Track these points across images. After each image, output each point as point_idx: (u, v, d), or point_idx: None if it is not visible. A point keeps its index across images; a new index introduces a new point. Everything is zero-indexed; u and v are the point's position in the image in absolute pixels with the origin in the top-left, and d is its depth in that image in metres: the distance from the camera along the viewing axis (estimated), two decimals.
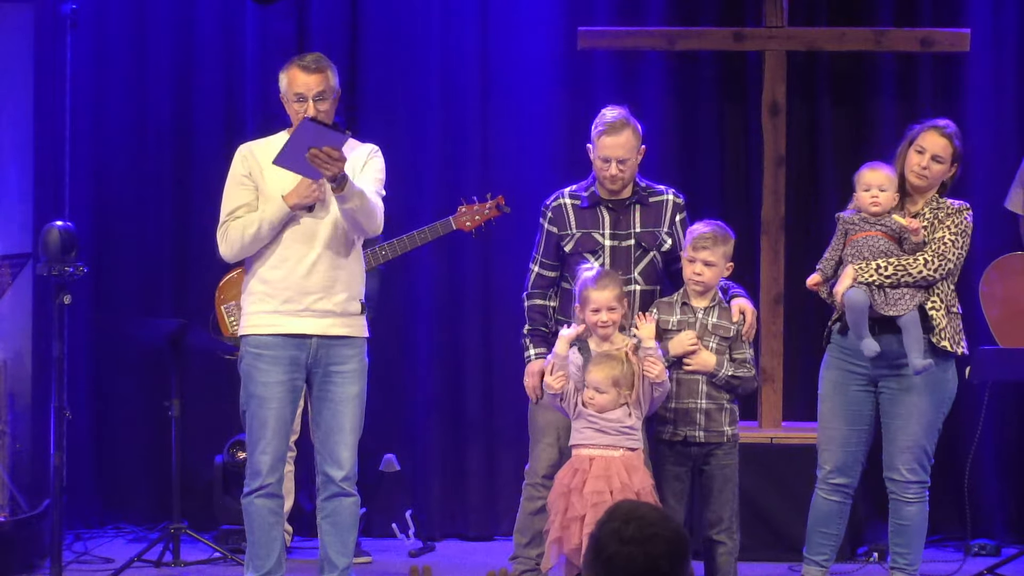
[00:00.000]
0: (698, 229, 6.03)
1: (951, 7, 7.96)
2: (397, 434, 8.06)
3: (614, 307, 5.86)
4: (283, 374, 5.77)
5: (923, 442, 6.02)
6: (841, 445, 6.06)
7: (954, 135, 6.06)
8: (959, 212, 6.04)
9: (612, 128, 6.10)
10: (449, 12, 8.13)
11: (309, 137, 5.47)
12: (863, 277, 5.92)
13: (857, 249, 6.00)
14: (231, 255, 5.84)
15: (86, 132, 8.05)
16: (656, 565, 3.11)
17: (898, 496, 6.04)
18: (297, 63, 5.78)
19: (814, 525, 6.13)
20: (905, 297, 5.92)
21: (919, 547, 6.06)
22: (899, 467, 6.01)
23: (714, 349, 6.03)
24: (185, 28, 8.18)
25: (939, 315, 5.98)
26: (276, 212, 5.72)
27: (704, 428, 6.00)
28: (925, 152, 6.02)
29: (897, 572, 6.07)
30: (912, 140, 6.07)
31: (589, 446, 5.76)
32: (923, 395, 5.99)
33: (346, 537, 5.87)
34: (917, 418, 6.00)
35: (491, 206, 7.03)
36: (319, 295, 5.77)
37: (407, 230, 7.01)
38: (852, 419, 6.06)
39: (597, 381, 5.74)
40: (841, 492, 6.09)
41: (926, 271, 5.93)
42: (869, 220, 6.01)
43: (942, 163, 6.03)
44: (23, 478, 7.55)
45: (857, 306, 5.91)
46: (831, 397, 6.10)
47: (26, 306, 7.88)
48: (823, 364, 6.16)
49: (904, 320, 5.91)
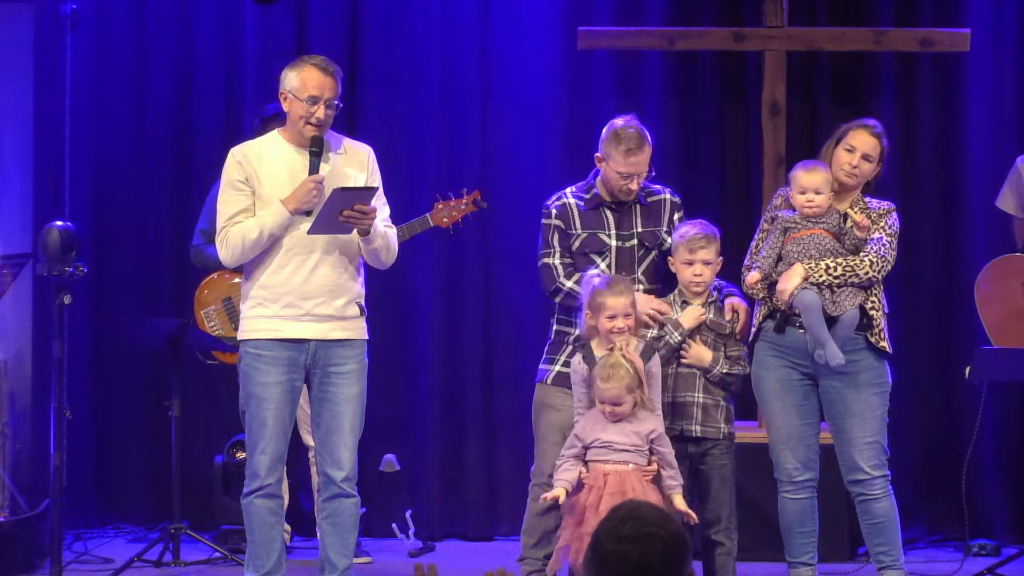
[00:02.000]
0: (690, 231, 6.04)
1: (951, 7, 7.96)
2: (397, 434, 8.06)
3: (629, 313, 5.86)
4: (282, 375, 5.77)
5: (878, 437, 6.03)
6: (800, 440, 6.06)
7: (882, 134, 6.11)
8: (888, 213, 6.09)
9: (636, 147, 6.09)
10: (449, 12, 8.13)
11: (340, 203, 5.59)
12: (814, 278, 5.93)
13: (803, 247, 6.00)
14: (231, 260, 5.85)
15: (86, 132, 8.05)
16: (650, 564, 3.11)
17: (866, 494, 6.03)
18: (312, 63, 5.76)
19: (790, 528, 6.12)
20: (851, 297, 5.95)
21: (897, 540, 6.06)
22: (862, 465, 6.01)
23: (710, 346, 6.05)
24: (185, 28, 8.18)
25: (878, 315, 6.02)
26: (277, 217, 5.72)
27: (701, 423, 6.01)
28: (855, 151, 6.05)
29: (887, 571, 6.07)
30: (840, 138, 6.10)
31: (602, 461, 5.75)
32: (870, 390, 6.01)
33: (346, 538, 5.87)
34: (870, 413, 6.01)
35: (467, 202, 7.03)
36: (319, 300, 5.78)
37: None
38: (804, 414, 6.06)
39: (613, 395, 5.71)
40: (808, 488, 6.09)
41: (872, 271, 5.96)
42: (811, 218, 6.03)
43: (871, 162, 6.07)
44: (23, 478, 7.55)
45: (813, 307, 5.91)
46: (780, 396, 6.07)
47: (26, 306, 7.88)
48: (755, 363, 6.12)
49: (845, 317, 5.93)
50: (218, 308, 7.26)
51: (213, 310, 7.22)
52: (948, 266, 7.99)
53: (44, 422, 7.01)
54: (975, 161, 7.90)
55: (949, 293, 7.95)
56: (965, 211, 7.96)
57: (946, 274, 7.99)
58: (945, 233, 8.01)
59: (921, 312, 7.97)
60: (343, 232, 5.72)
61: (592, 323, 5.90)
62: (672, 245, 6.12)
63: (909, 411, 7.75)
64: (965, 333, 7.75)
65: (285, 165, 5.79)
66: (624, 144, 6.09)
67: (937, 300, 8.00)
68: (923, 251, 7.95)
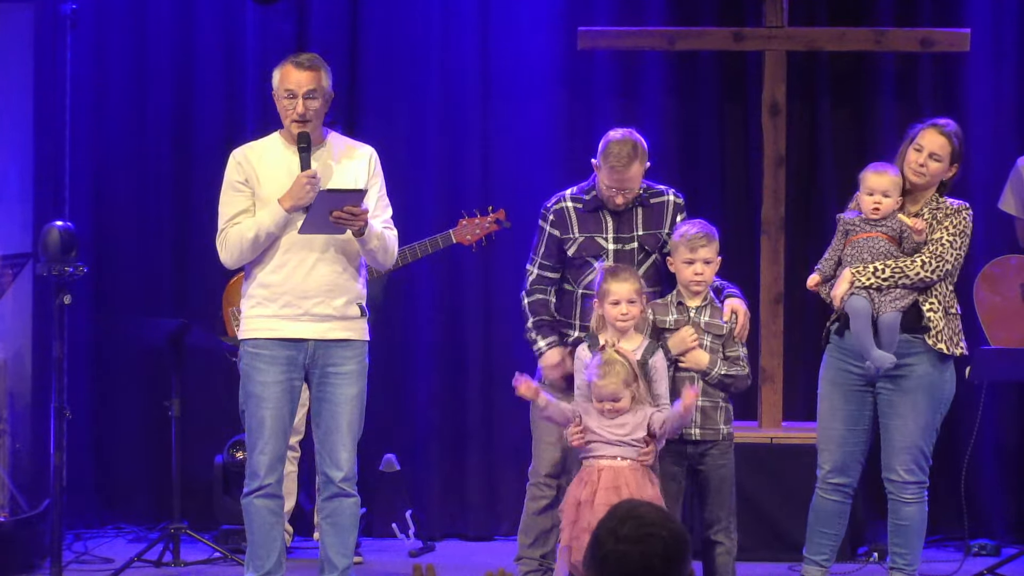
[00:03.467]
0: (690, 231, 6.02)
1: (951, 7, 7.96)
2: (397, 434, 8.06)
3: (634, 300, 5.85)
4: (281, 374, 5.78)
5: (920, 443, 6.01)
6: (840, 445, 6.06)
7: (953, 134, 6.04)
8: (958, 212, 6.03)
9: (622, 166, 6.06)
10: (449, 12, 8.13)
11: (328, 204, 5.60)
12: (860, 280, 5.91)
13: (857, 250, 5.99)
14: (231, 261, 5.86)
15: (86, 132, 8.05)
16: (650, 564, 3.11)
17: (896, 496, 6.04)
18: (291, 60, 5.85)
19: (814, 525, 6.13)
20: (897, 299, 5.92)
21: (918, 547, 6.06)
22: (896, 468, 6.01)
23: (707, 347, 6.03)
24: (185, 28, 8.18)
25: (936, 316, 5.97)
26: (274, 216, 5.73)
27: (700, 426, 6.00)
28: (923, 150, 6.00)
29: (896, 572, 6.07)
30: (912, 139, 6.06)
31: (598, 456, 5.76)
32: (920, 396, 5.99)
33: (346, 538, 5.87)
34: (914, 419, 5.99)
35: (491, 220, 7.08)
36: (318, 299, 5.78)
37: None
38: (850, 419, 6.06)
39: (612, 391, 5.71)
40: (841, 492, 6.08)
41: (923, 273, 5.93)
42: (870, 221, 6.01)
43: (940, 161, 6.01)
44: (23, 478, 7.54)
45: (861, 313, 5.90)
46: (829, 397, 6.09)
47: (26, 306, 7.87)
48: (822, 364, 6.15)
49: (884, 319, 5.91)
50: None
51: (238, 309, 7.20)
52: None
53: (44, 422, 7.00)
54: (975, 161, 7.88)
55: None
56: None
57: None
58: None
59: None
60: (335, 232, 5.72)
61: (600, 312, 5.91)
62: (671, 244, 6.11)
63: None
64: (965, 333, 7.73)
65: (284, 166, 5.80)
66: (611, 160, 6.07)
67: None
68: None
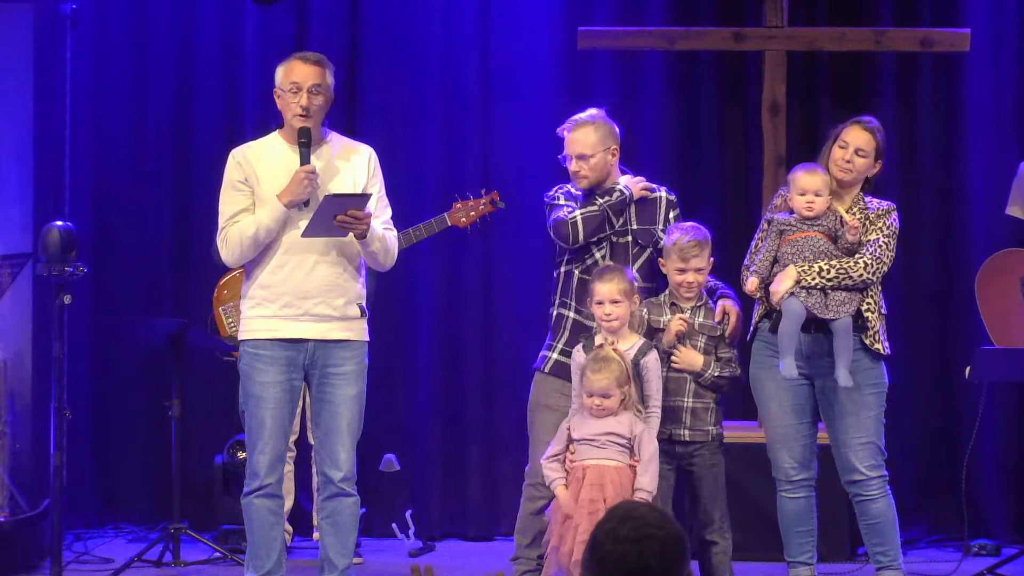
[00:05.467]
0: (682, 239, 6.01)
1: (951, 7, 7.96)
2: (397, 434, 8.06)
3: (617, 300, 5.85)
4: (280, 374, 5.78)
5: (874, 437, 6.02)
6: (797, 439, 6.06)
7: (876, 130, 6.09)
8: (887, 213, 6.07)
9: (570, 126, 6.22)
10: (449, 12, 8.14)
11: (332, 208, 5.62)
12: (806, 280, 5.92)
13: (798, 249, 5.99)
14: (232, 260, 5.86)
15: (86, 132, 8.05)
16: (648, 565, 3.11)
17: (863, 495, 6.04)
18: (296, 56, 5.88)
19: (789, 527, 6.13)
20: (845, 302, 5.93)
21: (895, 540, 6.06)
22: (858, 466, 6.01)
23: (701, 348, 6.04)
24: (185, 28, 8.18)
25: (873, 316, 6.01)
26: (272, 213, 5.73)
27: (689, 427, 6.01)
28: (848, 147, 6.05)
29: (885, 571, 6.06)
30: (836, 137, 6.10)
31: (583, 458, 5.75)
32: (866, 391, 6.00)
33: (346, 537, 5.87)
34: (866, 413, 6.00)
35: (486, 202, 7.05)
36: (318, 299, 5.78)
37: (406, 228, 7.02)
38: (800, 413, 6.06)
39: (603, 387, 5.70)
40: (805, 487, 6.09)
41: (866, 274, 5.95)
42: (806, 220, 6.02)
43: (865, 157, 6.06)
44: (23, 478, 7.54)
45: (795, 316, 5.91)
46: (776, 396, 6.07)
47: (26, 306, 7.86)
48: (752, 364, 6.12)
49: (838, 324, 5.91)
50: (236, 305, 7.26)
51: (232, 307, 7.20)
52: (948, 266, 7.99)
53: (44, 422, 7.00)
54: (975, 161, 7.90)
55: (949, 293, 7.95)
56: (965, 211, 7.96)
57: (946, 274, 7.98)
58: (945, 233, 8.00)
59: (921, 312, 7.97)
60: (338, 235, 5.73)
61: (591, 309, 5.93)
62: (664, 247, 6.12)
63: (909, 411, 7.74)
64: (965, 333, 7.75)
65: (283, 164, 5.81)
66: (564, 129, 6.21)
67: (937, 300, 7.99)
68: (923, 251, 7.95)
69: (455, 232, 7.12)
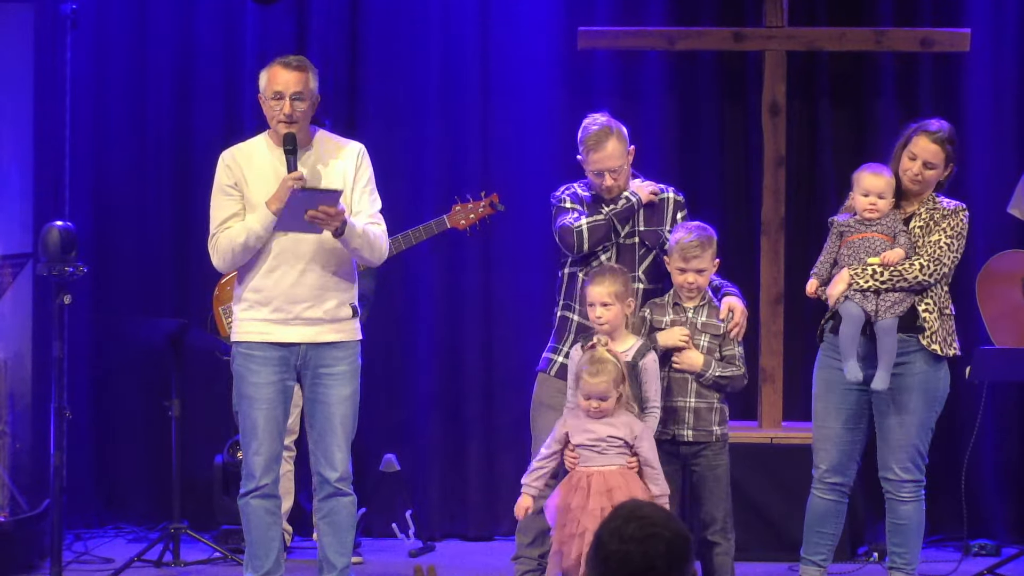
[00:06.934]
0: (684, 238, 5.99)
1: (951, 7, 7.96)
2: (397, 434, 8.06)
3: (607, 303, 5.82)
4: (273, 375, 5.78)
5: (916, 441, 6.01)
6: (836, 444, 6.06)
7: (946, 140, 6.01)
8: (955, 213, 6.02)
9: (596, 142, 6.12)
10: (449, 12, 8.13)
11: (303, 203, 5.57)
12: (859, 282, 5.90)
13: (854, 251, 5.98)
14: (223, 266, 5.88)
15: (86, 132, 8.05)
16: (652, 564, 3.11)
17: (893, 495, 6.04)
18: (278, 61, 5.82)
19: (811, 525, 6.12)
20: (896, 303, 5.91)
21: (917, 546, 6.06)
22: (893, 466, 6.01)
23: (705, 347, 6.03)
24: (185, 28, 8.18)
25: (932, 317, 5.97)
26: (262, 220, 5.72)
27: (693, 427, 6.00)
28: (917, 159, 5.99)
29: (895, 572, 6.07)
30: (906, 143, 6.04)
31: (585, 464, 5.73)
32: (915, 394, 5.98)
33: (344, 537, 5.87)
34: (910, 417, 5.99)
35: (485, 204, 7.05)
36: (308, 303, 5.78)
37: (406, 230, 7.02)
38: (846, 418, 6.05)
39: (601, 391, 5.67)
40: (837, 491, 6.08)
41: (921, 276, 5.92)
42: (865, 222, 6.00)
43: (934, 168, 6.00)
44: (23, 478, 7.54)
45: (853, 319, 5.89)
46: (824, 396, 6.08)
47: (26, 306, 7.86)
48: (816, 363, 6.14)
49: (881, 325, 5.89)
50: None
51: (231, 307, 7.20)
52: None
53: (44, 422, 7.00)
54: (975, 161, 7.89)
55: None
56: None
57: None
58: None
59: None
60: (312, 231, 5.70)
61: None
62: (668, 246, 6.11)
63: None
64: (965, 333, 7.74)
65: (271, 168, 5.80)
66: (589, 143, 6.14)
67: None
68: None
69: (455, 232, 7.12)
